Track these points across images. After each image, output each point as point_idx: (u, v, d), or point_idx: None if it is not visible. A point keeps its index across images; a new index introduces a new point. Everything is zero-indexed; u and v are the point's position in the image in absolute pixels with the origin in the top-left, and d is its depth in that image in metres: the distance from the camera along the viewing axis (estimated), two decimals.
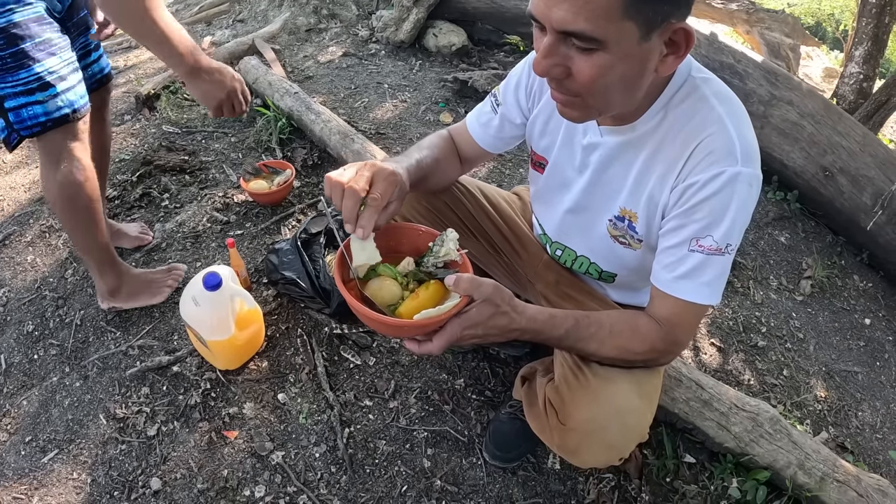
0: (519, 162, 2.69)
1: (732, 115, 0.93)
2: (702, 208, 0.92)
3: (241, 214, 2.16)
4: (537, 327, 0.95)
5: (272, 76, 2.72)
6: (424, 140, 1.26)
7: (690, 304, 0.96)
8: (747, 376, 2.00)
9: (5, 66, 1.32)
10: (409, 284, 0.97)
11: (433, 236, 1.00)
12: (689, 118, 0.94)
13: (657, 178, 0.99)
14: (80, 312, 1.80)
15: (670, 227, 0.97)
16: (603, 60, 0.80)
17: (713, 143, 0.91)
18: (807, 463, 1.58)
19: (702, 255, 0.93)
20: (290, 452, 1.52)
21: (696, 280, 0.95)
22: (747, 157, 0.91)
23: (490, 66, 3.21)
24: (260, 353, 1.71)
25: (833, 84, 5.10)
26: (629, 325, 1.00)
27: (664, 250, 0.98)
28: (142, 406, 1.58)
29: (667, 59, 0.85)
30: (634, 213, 1.05)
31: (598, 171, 1.09)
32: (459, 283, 0.88)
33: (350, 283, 0.97)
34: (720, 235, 0.92)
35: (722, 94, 0.96)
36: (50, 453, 1.49)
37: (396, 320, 0.87)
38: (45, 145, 1.47)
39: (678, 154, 0.95)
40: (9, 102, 1.37)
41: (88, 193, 1.55)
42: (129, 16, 1.27)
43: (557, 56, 0.82)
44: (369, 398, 1.65)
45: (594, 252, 1.20)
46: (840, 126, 2.69)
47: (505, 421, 1.55)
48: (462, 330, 0.89)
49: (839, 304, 2.47)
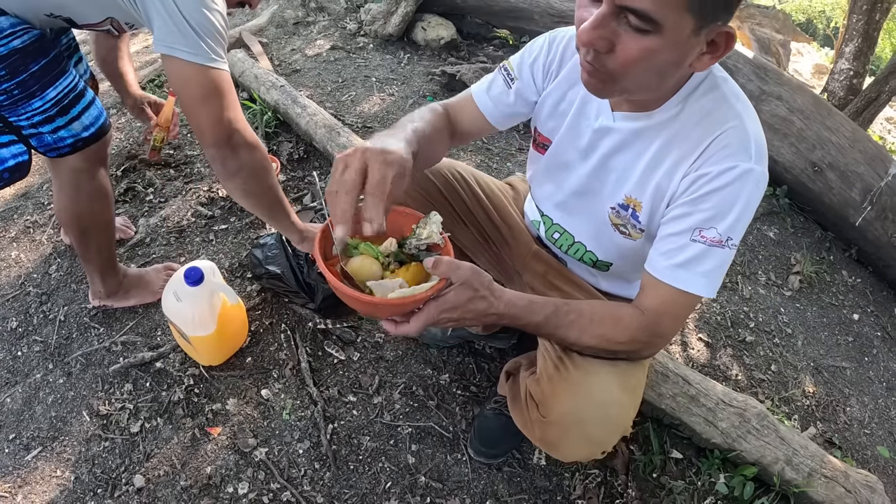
0: (506, 156, 2.68)
1: (748, 114, 0.95)
2: (710, 199, 0.93)
3: (226, 209, 2.14)
4: (515, 312, 0.94)
5: (258, 69, 2.70)
6: (415, 112, 1.17)
7: (683, 293, 0.95)
8: (735, 371, 2.01)
9: (13, 99, 1.26)
10: (391, 265, 0.96)
11: (417, 218, 0.99)
12: (708, 112, 0.95)
13: (668, 167, 0.99)
14: (64, 308, 1.78)
15: (675, 215, 0.97)
16: (652, 44, 0.80)
17: (731, 137, 0.92)
18: (794, 459, 1.58)
19: (703, 246, 0.93)
20: (273, 449, 1.51)
21: (694, 270, 0.94)
22: (760, 156, 0.93)
23: (479, 60, 3.20)
24: (243, 348, 1.70)
25: (823, 80, 5.13)
26: (611, 314, 1.00)
27: (665, 237, 0.98)
28: (125, 403, 1.56)
29: (703, 58, 0.85)
30: (639, 203, 1.05)
31: (607, 157, 1.09)
32: (438, 265, 0.87)
33: (331, 260, 0.96)
34: (724, 228, 0.92)
35: (739, 94, 0.98)
36: (34, 451, 1.48)
37: (372, 298, 0.86)
38: (64, 168, 1.43)
39: (694, 144, 0.96)
40: (27, 131, 1.33)
41: (108, 217, 1.57)
42: (267, 195, 1.45)
43: (607, 29, 0.81)
44: (353, 394, 1.64)
45: (592, 239, 1.19)
46: (829, 122, 2.70)
47: (490, 417, 1.54)
48: (439, 312, 0.88)
49: (828, 300, 2.48)
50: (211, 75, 1.21)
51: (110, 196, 1.54)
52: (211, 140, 1.27)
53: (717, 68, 0.98)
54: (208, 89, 1.22)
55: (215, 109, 1.24)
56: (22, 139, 1.34)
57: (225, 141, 1.27)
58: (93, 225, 1.55)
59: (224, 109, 1.25)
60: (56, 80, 1.30)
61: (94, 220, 1.54)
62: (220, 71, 1.22)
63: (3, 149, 1.33)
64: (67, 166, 1.42)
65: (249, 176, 1.36)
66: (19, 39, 1.21)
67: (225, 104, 1.25)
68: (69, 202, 1.49)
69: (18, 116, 1.29)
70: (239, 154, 1.31)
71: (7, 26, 1.19)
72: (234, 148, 1.29)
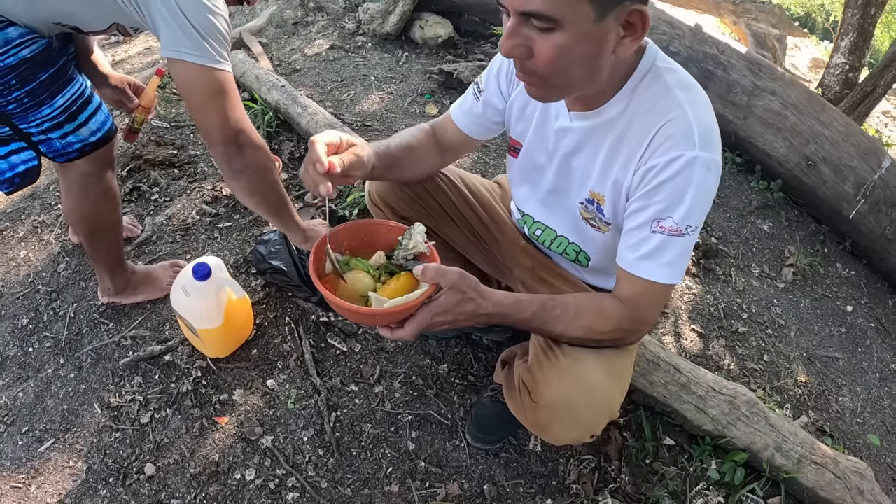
0: (503, 153, 2.71)
1: (693, 103, 0.97)
2: (661, 190, 0.96)
3: (230, 207, 2.19)
4: (503, 311, 1.00)
5: (259, 70, 2.74)
6: (404, 130, 1.32)
7: (653, 283, 1.00)
8: (727, 361, 2.04)
9: (24, 107, 1.29)
10: (381, 277, 1.03)
11: (402, 231, 1.05)
12: (652, 104, 0.98)
13: (622, 161, 1.03)
14: (74, 305, 1.82)
15: (633, 209, 1.01)
16: (560, 40, 0.84)
17: (673, 128, 0.95)
18: (784, 445, 1.62)
19: (662, 236, 0.97)
20: (278, 437, 1.56)
21: (657, 260, 0.99)
22: (705, 141, 0.95)
23: (476, 58, 3.23)
24: (249, 341, 1.75)
25: (820, 74, 5.13)
26: (594, 306, 1.05)
27: (628, 231, 1.03)
28: (135, 395, 1.61)
29: (624, 41, 0.88)
30: (602, 197, 1.10)
31: (568, 156, 1.14)
32: (426, 272, 0.93)
33: (326, 277, 1.03)
34: (680, 217, 0.96)
35: (684, 82, 1.00)
36: (46, 442, 1.52)
37: (368, 309, 0.93)
38: (73, 171, 1.46)
39: (641, 138, 0.99)
40: (36, 137, 1.36)
41: (116, 217, 1.61)
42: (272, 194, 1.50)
43: (520, 37, 0.86)
44: (355, 383, 1.70)
45: (573, 232, 1.24)
46: (823, 116, 2.72)
47: (487, 404, 1.59)
48: (432, 317, 0.94)
49: (821, 292, 2.51)
50: (217, 76, 1.26)
51: (118, 197, 1.59)
52: (219, 139, 1.31)
53: (663, 59, 1.01)
54: (214, 90, 1.26)
55: (222, 109, 1.28)
56: (31, 145, 1.38)
57: (232, 140, 1.32)
58: (101, 225, 1.59)
59: (230, 109, 1.30)
60: (64, 87, 1.34)
61: (102, 220, 1.58)
62: (225, 72, 1.27)
63: (13, 155, 1.38)
64: (76, 169, 1.45)
65: (255, 174, 1.41)
66: (28, 49, 1.25)
67: (230, 104, 1.30)
68: (77, 204, 1.53)
69: (28, 123, 1.33)
70: (245, 153, 1.35)
71: (16, 36, 1.23)
72: (241, 147, 1.34)
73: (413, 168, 1.32)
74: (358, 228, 1.09)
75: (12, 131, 1.34)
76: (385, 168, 1.19)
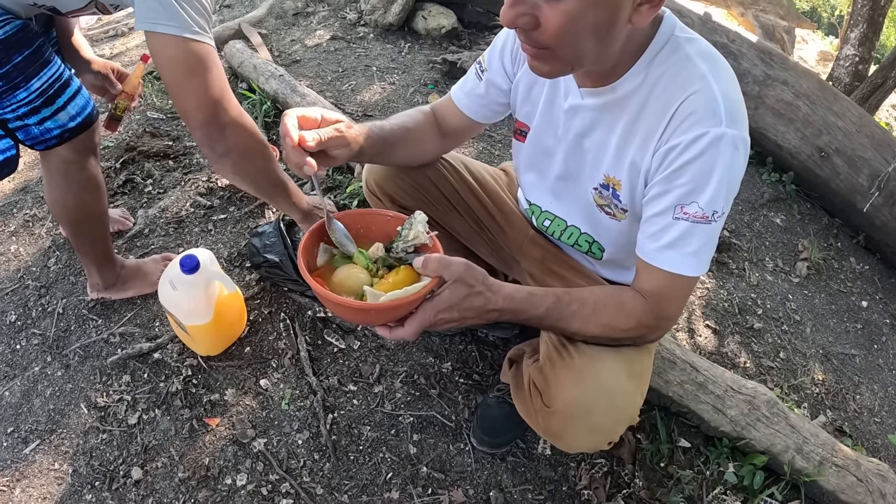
0: (508, 142, 2.64)
1: (716, 74, 0.88)
2: (685, 172, 0.87)
3: (225, 199, 2.12)
4: (515, 306, 0.91)
5: (257, 59, 2.67)
6: (403, 112, 1.23)
7: (676, 275, 0.91)
8: (743, 359, 1.98)
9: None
10: (379, 271, 0.93)
11: (402, 220, 0.96)
12: (672, 78, 0.89)
13: (639, 141, 0.94)
14: (63, 301, 1.77)
15: (653, 195, 0.93)
16: (571, 7, 0.75)
17: (696, 102, 0.86)
18: (805, 447, 1.56)
19: (687, 223, 0.89)
20: (272, 440, 1.48)
21: (681, 250, 0.90)
22: (732, 117, 0.86)
23: (479, 49, 3.16)
24: (242, 338, 1.67)
25: (828, 67, 5.08)
26: (614, 301, 0.96)
27: (648, 219, 0.94)
28: (123, 394, 1.54)
29: (641, 9, 0.79)
30: (618, 181, 1.01)
31: (580, 136, 1.05)
32: (428, 264, 0.84)
33: (317, 270, 0.95)
34: (705, 201, 0.87)
35: (706, 52, 0.91)
36: (32, 444, 1.46)
37: (362, 303, 0.83)
38: (54, 159, 1.39)
39: (660, 115, 0.90)
40: (13, 124, 1.29)
41: (101, 208, 1.53)
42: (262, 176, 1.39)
43: (524, 5, 0.78)
44: (353, 383, 1.62)
45: (585, 221, 1.15)
46: (835, 106, 2.66)
47: (493, 405, 1.51)
48: (435, 313, 0.85)
49: (836, 287, 2.45)
50: (194, 48, 1.13)
51: (102, 186, 1.51)
52: (197, 120, 1.19)
53: (682, 28, 0.92)
54: (192, 64, 1.14)
55: (200, 86, 1.16)
56: (8, 133, 1.30)
57: (211, 120, 1.20)
58: (85, 216, 1.52)
59: (209, 85, 1.17)
60: (40, 70, 1.26)
61: (87, 210, 1.51)
62: (203, 44, 1.15)
63: None
64: (57, 157, 1.38)
65: (241, 157, 1.29)
66: (1, 31, 1.18)
67: (210, 79, 1.17)
68: (60, 194, 1.46)
69: (3, 109, 1.25)
70: (227, 134, 1.23)
71: None
72: (222, 128, 1.22)
73: (409, 151, 1.23)
74: (353, 218, 1.00)
75: None
76: (377, 150, 1.10)
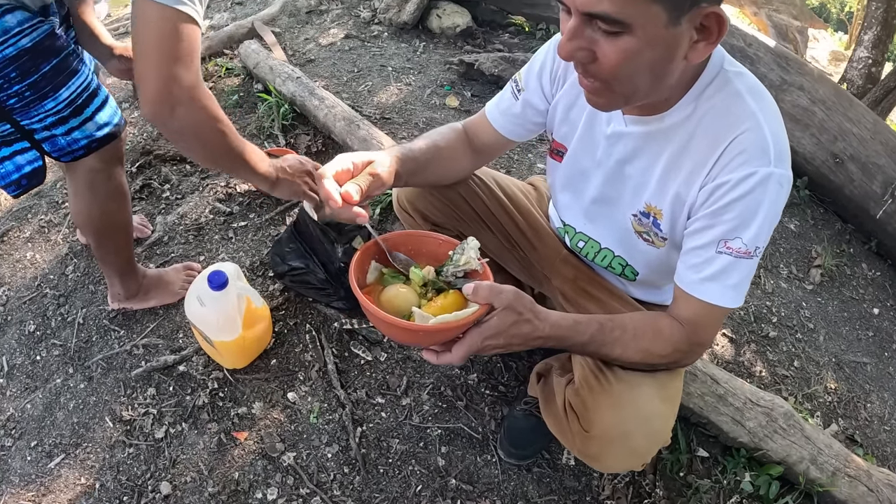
0: (527, 147, 2.63)
1: (766, 113, 0.90)
2: (732, 209, 0.89)
3: (245, 205, 2.11)
4: (562, 334, 0.92)
5: (273, 61, 2.65)
6: (434, 130, 1.23)
7: (715, 306, 0.94)
8: (759, 368, 1.99)
9: (25, 101, 1.20)
10: (428, 293, 0.94)
11: (453, 245, 0.97)
12: (722, 114, 0.91)
13: (685, 175, 0.96)
14: (83, 311, 1.76)
15: (697, 227, 0.94)
16: (629, 45, 0.76)
17: (746, 141, 0.88)
18: (819, 458, 1.58)
19: (730, 258, 0.91)
20: (301, 453, 1.49)
21: (722, 282, 0.92)
22: (780, 157, 0.88)
23: (495, 48, 3.14)
24: (268, 350, 1.68)
25: (840, 68, 5.06)
26: (652, 328, 0.98)
27: (690, 251, 0.96)
28: (148, 407, 1.54)
29: (697, 46, 0.81)
30: (660, 210, 1.02)
31: (622, 163, 1.05)
32: (478, 291, 0.85)
33: (366, 287, 0.95)
34: (749, 237, 0.89)
35: (755, 89, 0.92)
36: (56, 458, 1.46)
37: (411, 324, 0.84)
38: (80, 170, 1.38)
39: (709, 151, 0.91)
40: (40, 134, 1.28)
41: (125, 217, 1.52)
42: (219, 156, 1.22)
43: (582, 39, 0.79)
44: (381, 395, 1.62)
45: (619, 245, 1.16)
46: (851, 112, 2.66)
47: (520, 417, 1.52)
48: (483, 340, 0.86)
49: (848, 294, 2.46)
50: (171, 15, 1.02)
51: (127, 196, 1.51)
52: (148, 94, 1.05)
53: (730, 62, 0.94)
54: (164, 32, 1.02)
55: (163, 57, 1.03)
56: (34, 144, 1.29)
57: (164, 97, 1.06)
58: (110, 226, 1.51)
59: (173, 59, 1.04)
60: (69, 79, 1.26)
61: (112, 220, 1.50)
62: (184, 14, 1.04)
63: (18, 156, 1.30)
64: (83, 167, 1.38)
65: (193, 140, 1.17)
66: (28, 38, 1.16)
67: (177, 53, 1.04)
68: (85, 204, 1.45)
69: (31, 119, 1.25)
70: (176, 114, 1.09)
71: (14, 24, 1.13)
72: (173, 107, 1.07)
73: (442, 170, 1.23)
74: (404, 238, 1.01)
75: (14, 129, 1.26)
76: (411, 174, 1.10)
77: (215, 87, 2.77)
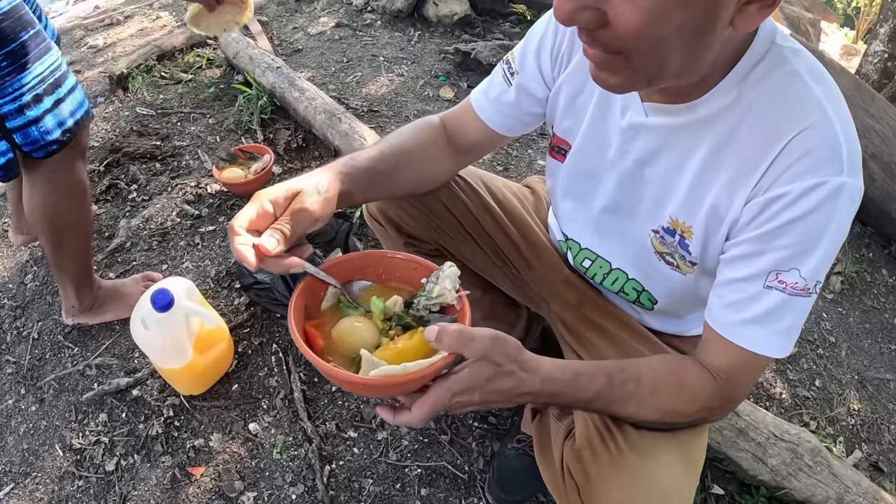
0: (528, 142, 2.46)
1: (835, 103, 0.69)
2: (790, 231, 0.69)
3: (215, 207, 1.96)
4: (557, 389, 0.73)
5: (254, 50, 2.50)
6: (401, 128, 1.02)
7: (758, 355, 0.74)
8: (779, 389, 1.84)
9: (3, 73, 1.14)
10: (391, 329, 0.76)
11: (430, 271, 0.79)
12: (776, 102, 0.70)
13: (725, 182, 0.75)
14: (38, 324, 1.64)
15: (741, 254, 0.74)
16: (651, 2, 0.56)
17: (813, 139, 0.67)
18: (846, 496, 1.44)
19: (782, 295, 0.70)
20: (262, 493, 1.33)
21: (769, 327, 0.72)
22: (853, 162, 0.68)
23: (494, 37, 3.00)
24: (229, 373, 1.52)
25: (852, 62, 4.89)
26: (675, 380, 0.78)
27: (730, 283, 0.75)
28: (100, 436, 1.41)
29: (748, 9, 0.59)
30: (689, 228, 0.82)
31: (641, 164, 0.85)
32: (443, 338, 0.66)
33: (319, 317, 0.79)
34: (809, 270, 0.69)
35: (818, 72, 0.71)
36: (6, 487, 1.35)
37: (344, 373, 0.67)
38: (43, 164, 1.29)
39: (759, 151, 0.71)
40: (12, 121, 1.18)
41: (84, 216, 1.43)
42: None
43: None
44: (354, 428, 1.45)
45: (634, 266, 0.96)
46: (872, 108, 2.52)
47: (511, 457, 1.34)
48: (451, 396, 0.67)
49: (869, 303, 2.31)
50: None
51: (88, 192, 1.41)
52: None
53: (784, 36, 0.71)
54: None
55: None
56: (5, 135, 1.20)
57: None
58: (68, 224, 1.40)
59: None
60: (44, 53, 1.21)
61: (70, 218, 1.39)
62: None
63: None
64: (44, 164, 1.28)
65: None
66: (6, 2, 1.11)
67: None
68: (42, 199, 1.35)
69: (5, 97, 1.16)
70: None
71: None
72: None
73: (413, 176, 1.01)
74: (374, 260, 0.83)
75: None
76: (368, 189, 0.91)
77: (195, 78, 2.61)
